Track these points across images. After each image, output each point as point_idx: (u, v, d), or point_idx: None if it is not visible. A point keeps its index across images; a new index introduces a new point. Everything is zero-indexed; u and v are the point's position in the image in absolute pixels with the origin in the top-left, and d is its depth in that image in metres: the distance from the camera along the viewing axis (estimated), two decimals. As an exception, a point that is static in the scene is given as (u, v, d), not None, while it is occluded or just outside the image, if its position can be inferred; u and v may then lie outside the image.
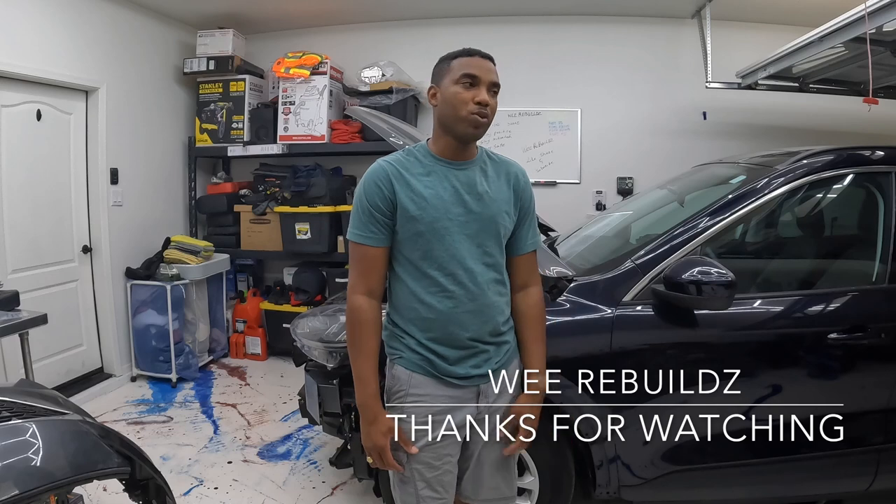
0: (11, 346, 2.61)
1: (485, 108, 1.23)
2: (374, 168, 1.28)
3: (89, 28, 3.21)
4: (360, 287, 1.27)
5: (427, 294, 1.26)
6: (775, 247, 2.31)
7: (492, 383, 1.31)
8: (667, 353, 1.75)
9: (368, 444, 1.28)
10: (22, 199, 2.96)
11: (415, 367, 1.29)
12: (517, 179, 1.37)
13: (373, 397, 1.26)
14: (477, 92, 1.22)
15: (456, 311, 1.26)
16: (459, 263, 1.25)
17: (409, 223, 1.24)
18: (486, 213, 1.28)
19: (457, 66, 1.25)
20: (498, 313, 1.31)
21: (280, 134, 3.81)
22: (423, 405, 1.28)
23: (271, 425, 2.93)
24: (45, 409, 1.20)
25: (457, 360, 1.28)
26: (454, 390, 1.29)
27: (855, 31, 2.33)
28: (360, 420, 1.30)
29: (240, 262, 4.21)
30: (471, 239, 1.26)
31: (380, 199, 1.24)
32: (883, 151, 1.90)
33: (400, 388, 1.30)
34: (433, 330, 1.27)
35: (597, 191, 4.01)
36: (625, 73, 3.94)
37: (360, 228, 1.26)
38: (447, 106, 1.25)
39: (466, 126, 1.23)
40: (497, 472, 1.38)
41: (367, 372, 1.26)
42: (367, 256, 1.27)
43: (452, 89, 1.23)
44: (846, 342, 1.73)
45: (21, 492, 0.91)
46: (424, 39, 4.05)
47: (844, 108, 3.43)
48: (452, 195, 1.26)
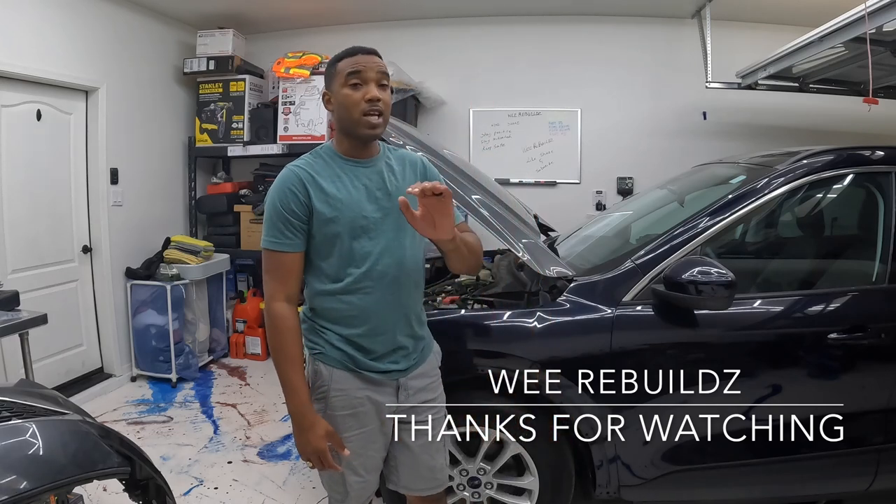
0: (11, 346, 2.61)
1: (377, 103, 1.25)
2: (286, 174, 1.29)
3: (89, 28, 3.21)
4: (279, 294, 1.27)
5: (346, 293, 1.29)
6: (775, 247, 2.31)
7: (409, 378, 1.36)
8: (667, 353, 1.74)
9: (308, 449, 1.28)
10: (22, 198, 2.96)
11: (335, 363, 1.32)
12: (421, 166, 1.40)
13: (306, 405, 1.28)
14: (366, 90, 1.25)
15: (376, 307, 1.30)
16: (376, 259, 1.28)
17: (325, 226, 1.26)
18: (397, 207, 1.29)
19: (342, 67, 1.27)
20: (416, 307, 1.37)
21: (280, 134, 3.80)
22: (345, 398, 1.32)
23: (271, 425, 2.93)
24: (45, 409, 1.20)
25: (377, 356, 1.32)
26: (374, 385, 1.33)
27: (855, 31, 2.33)
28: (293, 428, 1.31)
29: (240, 262, 4.20)
30: (386, 234, 1.30)
31: (295, 204, 1.25)
32: (883, 151, 1.89)
33: (322, 384, 1.33)
34: (354, 326, 1.30)
35: (597, 191, 4.01)
36: (625, 73, 3.94)
37: (276, 236, 1.27)
38: (342, 109, 1.27)
39: (363, 127, 1.26)
40: (428, 461, 1.43)
41: (296, 379, 1.27)
42: (284, 263, 1.28)
43: (343, 92, 1.26)
44: (846, 342, 1.73)
45: (21, 492, 0.91)
46: (424, 39, 4.06)
47: (844, 108, 3.43)
48: (365, 194, 1.29)
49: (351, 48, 1.29)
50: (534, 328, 1.76)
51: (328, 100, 1.32)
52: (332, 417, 1.32)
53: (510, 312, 1.84)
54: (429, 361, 1.43)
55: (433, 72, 3.98)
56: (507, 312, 1.84)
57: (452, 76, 4.09)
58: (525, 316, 1.79)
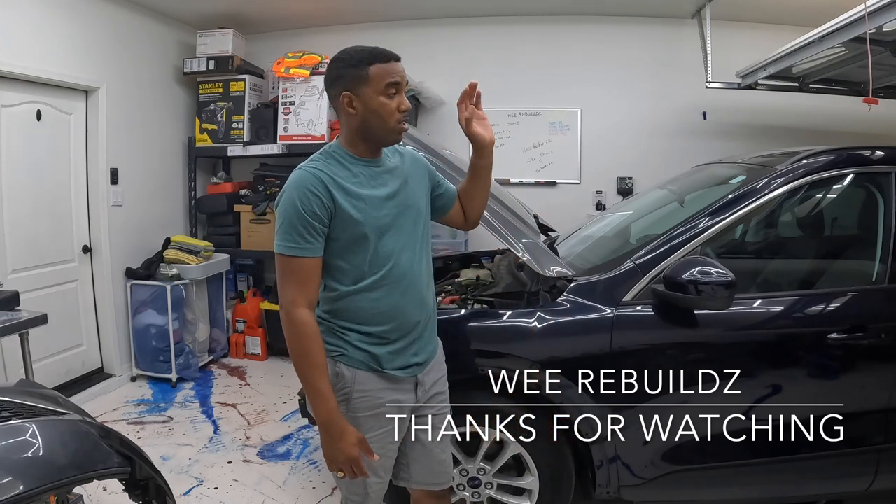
0: (11, 346, 2.61)
1: (407, 113, 1.28)
2: (303, 175, 1.24)
3: (89, 28, 3.21)
4: (300, 300, 1.23)
5: (371, 290, 1.29)
6: (775, 247, 2.31)
7: (426, 373, 1.39)
8: (667, 353, 1.74)
9: (340, 458, 1.24)
10: (22, 199, 2.96)
11: (358, 364, 1.32)
12: (414, 160, 1.43)
13: (336, 412, 1.25)
14: (400, 100, 1.26)
15: (402, 302, 1.31)
16: (399, 255, 1.30)
17: (352, 227, 1.25)
18: (410, 201, 1.34)
19: (376, 73, 1.23)
20: (430, 298, 1.40)
21: (280, 134, 3.80)
22: (368, 399, 1.32)
23: (271, 425, 2.93)
24: (45, 409, 1.20)
25: (399, 349, 1.33)
26: (395, 383, 1.34)
27: (855, 31, 2.33)
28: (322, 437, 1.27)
29: (240, 262, 4.20)
30: (404, 230, 1.32)
31: (318, 206, 1.21)
32: (883, 151, 1.89)
33: (345, 386, 1.31)
34: (380, 323, 1.31)
35: (597, 191, 4.01)
36: (625, 73, 3.94)
37: (296, 241, 1.22)
38: (374, 116, 1.25)
39: (395, 135, 1.28)
40: (439, 455, 1.45)
41: (323, 386, 1.23)
42: (304, 268, 1.23)
43: (378, 100, 1.24)
44: (846, 342, 1.73)
45: (21, 492, 0.91)
46: (424, 39, 4.06)
47: (844, 108, 3.42)
48: (383, 192, 1.30)
49: (379, 51, 1.25)
50: (534, 328, 1.76)
51: (349, 101, 1.25)
52: (355, 419, 1.30)
53: (510, 312, 1.84)
54: (439, 354, 1.46)
55: (433, 72, 3.97)
56: (507, 312, 1.84)
57: (452, 76, 4.08)
58: (525, 316, 1.80)
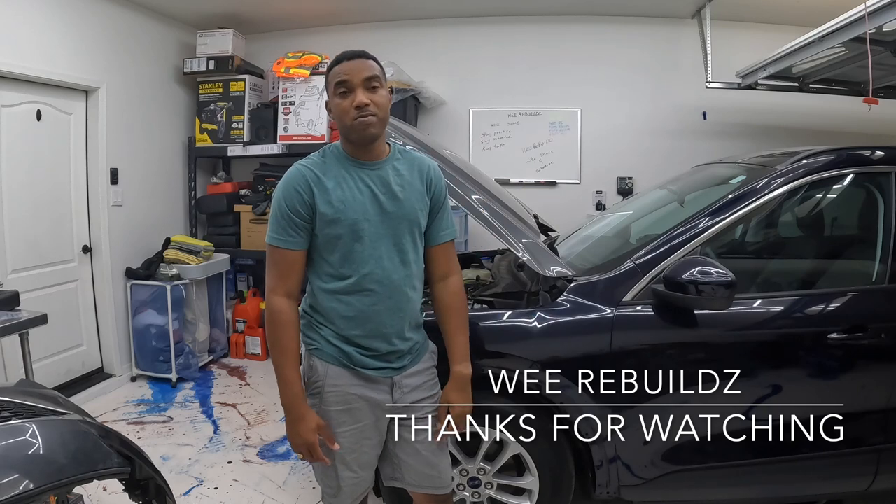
0: (11, 346, 2.61)
1: (365, 108, 1.26)
2: (293, 172, 1.32)
3: (89, 28, 3.21)
4: (279, 289, 1.31)
5: (346, 293, 1.31)
6: (775, 247, 2.31)
7: (404, 376, 1.38)
8: (667, 353, 1.74)
9: (298, 440, 1.32)
10: (22, 199, 2.96)
11: (331, 358, 1.35)
12: (428, 173, 1.41)
13: (298, 397, 1.32)
14: (353, 97, 1.27)
15: (374, 309, 1.32)
16: (377, 262, 1.31)
17: (328, 226, 1.29)
18: (400, 211, 1.33)
19: (330, 78, 1.31)
20: (412, 310, 1.38)
21: (280, 134, 3.81)
22: (340, 394, 1.35)
23: (271, 425, 2.93)
24: (45, 409, 1.20)
25: (372, 356, 1.34)
26: (368, 382, 1.36)
27: (855, 31, 2.33)
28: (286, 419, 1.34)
29: (240, 262, 4.20)
30: (387, 238, 1.32)
31: (299, 203, 1.29)
32: (883, 151, 1.89)
33: (317, 379, 1.36)
34: (352, 327, 1.33)
35: (597, 191, 4.01)
36: (625, 73, 3.94)
37: (279, 233, 1.30)
38: (337, 118, 1.31)
39: (357, 133, 1.29)
40: (430, 458, 1.43)
41: (290, 373, 1.31)
42: (286, 259, 1.31)
43: (335, 101, 1.30)
44: (846, 342, 1.73)
45: (21, 492, 0.91)
46: (424, 39, 4.06)
47: (844, 108, 3.42)
48: (369, 196, 1.31)
49: (339, 55, 1.31)
50: (534, 328, 1.76)
51: (327, 106, 1.35)
52: (327, 413, 1.35)
53: (510, 312, 1.84)
54: (424, 360, 1.45)
55: (433, 72, 3.98)
56: (507, 312, 1.84)
57: (452, 76, 4.09)
58: (525, 316, 1.79)
